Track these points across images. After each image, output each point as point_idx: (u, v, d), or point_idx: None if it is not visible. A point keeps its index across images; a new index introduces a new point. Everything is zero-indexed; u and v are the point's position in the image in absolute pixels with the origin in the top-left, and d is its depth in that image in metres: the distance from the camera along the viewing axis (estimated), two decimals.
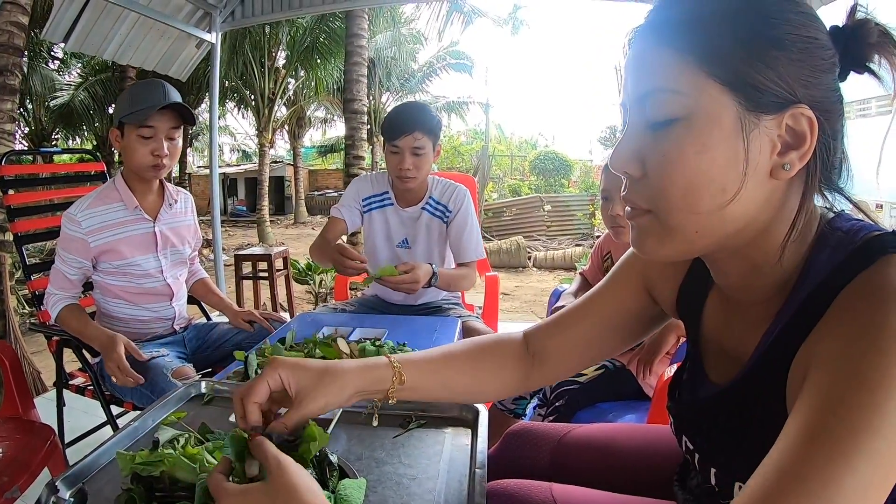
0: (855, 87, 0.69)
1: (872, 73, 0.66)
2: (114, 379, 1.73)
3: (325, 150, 27.13)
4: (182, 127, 1.95)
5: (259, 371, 1.29)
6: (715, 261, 0.74)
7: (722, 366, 0.78)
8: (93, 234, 1.87)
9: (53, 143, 16.87)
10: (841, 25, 0.66)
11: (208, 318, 2.46)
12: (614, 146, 0.70)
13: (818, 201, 0.68)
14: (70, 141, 18.26)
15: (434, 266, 1.97)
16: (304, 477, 0.68)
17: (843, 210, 0.69)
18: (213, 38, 4.37)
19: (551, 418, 1.78)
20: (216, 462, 0.79)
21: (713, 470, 0.75)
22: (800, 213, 0.65)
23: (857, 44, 0.65)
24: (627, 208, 0.71)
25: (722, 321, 0.79)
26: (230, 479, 0.71)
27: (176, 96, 1.90)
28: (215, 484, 0.69)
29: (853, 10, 0.66)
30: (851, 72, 0.67)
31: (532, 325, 1.03)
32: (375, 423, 0.92)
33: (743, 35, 0.60)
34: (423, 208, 2.23)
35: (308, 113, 21.57)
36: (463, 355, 0.97)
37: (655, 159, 0.65)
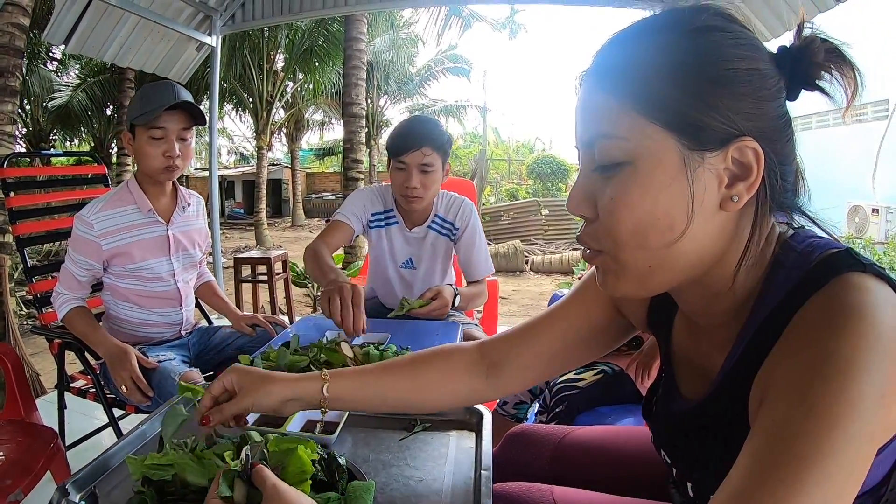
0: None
1: (822, 90, 0.66)
2: (122, 389, 1.72)
3: (323, 153, 27.14)
4: (193, 128, 1.93)
5: None
6: (675, 289, 0.74)
7: (692, 382, 0.79)
8: (105, 236, 1.85)
9: (51, 143, 16.84)
10: (788, 46, 0.66)
11: (209, 322, 2.47)
12: (570, 188, 0.71)
13: (782, 216, 0.69)
14: (68, 142, 18.25)
15: (454, 288, 1.96)
16: (300, 498, 0.69)
17: (801, 226, 0.69)
18: (214, 41, 4.39)
19: (553, 423, 1.79)
20: (226, 464, 0.80)
21: (689, 484, 0.76)
22: (750, 241, 0.65)
23: (805, 64, 0.65)
24: (586, 250, 0.72)
25: (690, 339, 0.80)
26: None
27: (186, 96, 1.88)
28: None
29: (800, 28, 0.66)
30: (802, 90, 0.67)
31: (490, 336, 1.03)
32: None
33: (682, 77, 0.61)
34: (429, 227, 2.16)
35: (306, 116, 21.61)
36: (402, 366, 0.99)
37: (604, 202, 0.66)
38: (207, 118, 2.00)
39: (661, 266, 0.66)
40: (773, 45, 0.66)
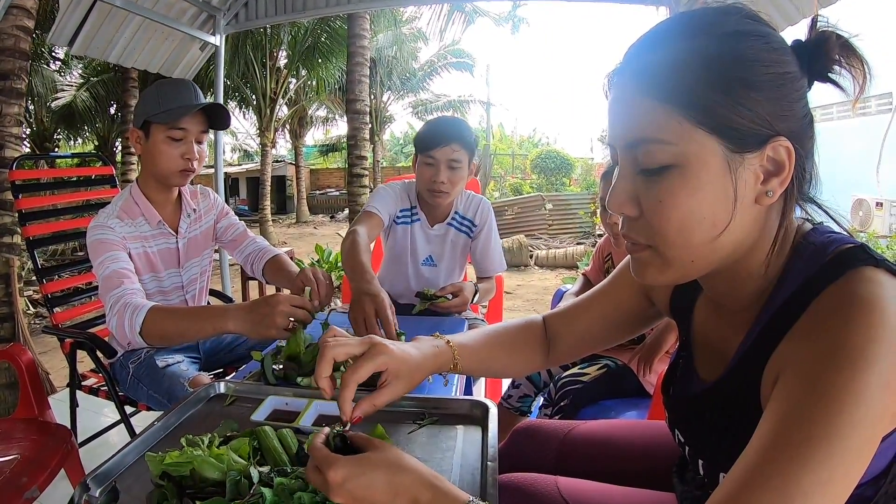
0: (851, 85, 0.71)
1: (835, 83, 0.69)
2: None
3: (327, 149, 27.14)
4: (209, 130, 1.84)
5: (276, 371, 1.31)
6: (705, 275, 0.78)
7: (710, 363, 0.83)
8: (125, 240, 1.75)
9: (55, 143, 16.86)
10: (803, 40, 0.69)
11: None
12: (611, 188, 0.73)
13: (798, 212, 0.73)
14: (72, 142, 18.26)
15: (475, 285, 2.02)
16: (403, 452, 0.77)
17: (820, 222, 0.73)
18: (217, 40, 4.39)
19: (557, 417, 1.82)
20: (242, 460, 0.83)
21: (701, 461, 0.81)
22: (779, 230, 0.70)
23: (820, 58, 0.68)
24: (627, 242, 0.75)
25: (710, 322, 0.85)
26: None
27: (202, 98, 1.81)
28: (323, 455, 0.74)
29: (814, 22, 0.69)
30: (815, 82, 0.70)
31: (551, 311, 1.14)
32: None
33: (724, 83, 0.64)
34: (449, 224, 2.19)
35: (310, 112, 21.61)
36: (502, 339, 1.10)
37: (650, 202, 0.69)
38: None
39: (703, 258, 0.70)
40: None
